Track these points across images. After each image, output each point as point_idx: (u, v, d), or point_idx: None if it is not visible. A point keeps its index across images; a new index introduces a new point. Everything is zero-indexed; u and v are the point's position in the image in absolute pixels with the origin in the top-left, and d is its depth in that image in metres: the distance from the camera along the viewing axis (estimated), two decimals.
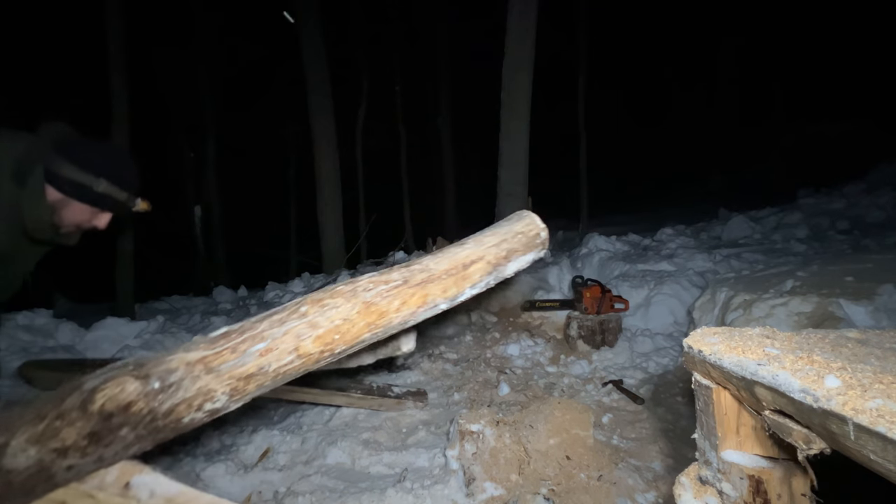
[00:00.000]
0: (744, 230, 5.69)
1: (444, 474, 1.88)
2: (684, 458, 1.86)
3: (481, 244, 1.17)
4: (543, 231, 1.25)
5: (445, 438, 2.14)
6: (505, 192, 5.14)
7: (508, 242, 1.19)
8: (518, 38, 4.95)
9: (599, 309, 3.13)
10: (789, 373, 0.72)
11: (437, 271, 1.09)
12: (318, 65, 6.95)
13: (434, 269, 1.09)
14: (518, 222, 1.25)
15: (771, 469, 0.87)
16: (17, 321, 3.38)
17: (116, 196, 1.41)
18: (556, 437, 1.84)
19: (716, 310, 2.80)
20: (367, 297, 1.02)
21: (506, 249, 1.18)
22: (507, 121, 5.11)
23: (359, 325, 1.00)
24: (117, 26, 5.30)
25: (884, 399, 0.59)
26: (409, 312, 1.06)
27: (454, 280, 1.10)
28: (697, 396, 0.97)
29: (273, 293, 5.53)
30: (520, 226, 1.23)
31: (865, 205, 6.05)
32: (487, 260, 1.14)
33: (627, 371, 2.87)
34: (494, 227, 1.24)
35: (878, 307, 2.29)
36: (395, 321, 1.05)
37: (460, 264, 1.11)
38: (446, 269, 1.10)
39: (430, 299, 1.07)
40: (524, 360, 3.15)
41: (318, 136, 7.03)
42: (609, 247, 4.96)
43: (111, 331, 3.48)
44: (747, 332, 0.95)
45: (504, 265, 1.18)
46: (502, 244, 1.18)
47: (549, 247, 1.32)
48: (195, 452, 2.34)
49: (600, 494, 1.71)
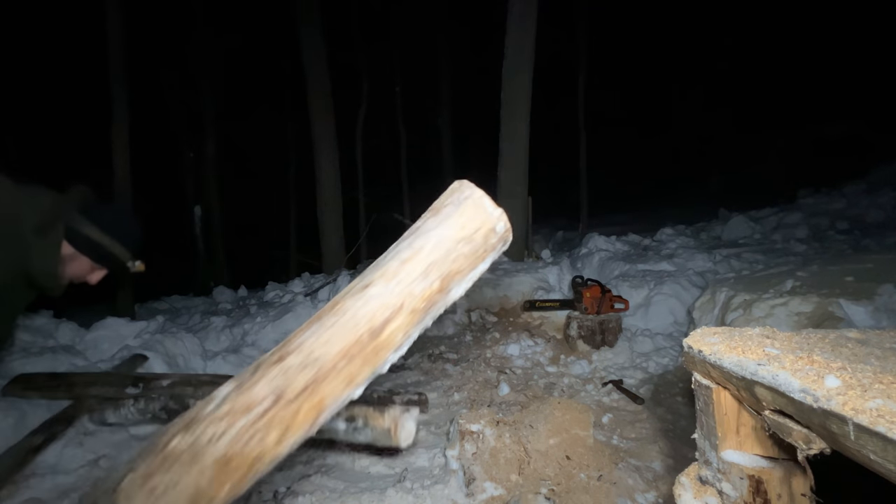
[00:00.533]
0: (744, 230, 5.70)
1: (444, 474, 1.88)
2: (684, 458, 1.86)
3: (395, 279, 0.76)
4: (500, 222, 0.81)
5: (445, 438, 2.14)
6: (505, 192, 5.14)
7: (441, 264, 0.77)
8: (518, 39, 4.95)
9: (599, 309, 3.13)
10: (789, 373, 0.72)
11: (329, 359, 0.74)
12: (319, 65, 6.96)
13: (323, 358, 0.74)
14: (453, 216, 0.80)
15: (771, 469, 0.87)
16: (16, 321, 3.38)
17: (122, 257, 1.56)
18: (556, 437, 1.84)
19: (716, 310, 2.80)
20: (218, 452, 0.69)
21: (439, 278, 0.77)
22: (506, 121, 5.12)
23: (220, 497, 0.71)
24: (117, 26, 5.30)
25: (884, 399, 0.59)
26: (300, 435, 0.75)
27: (361, 359, 0.75)
28: (697, 396, 0.97)
29: (273, 293, 5.53)
30: (456, 223, 0.79)
31: (865, 205, 6.06)
32: (410, 308, 0.76)
33: (627, 371, 2.87)
34: (415, 233, 0.82)
35: (878, 307, 2.29)
36: (281, 453, 0.75)
37: (365, 331, 0.74)
38: (343, 348, 0.74)
39: (329, 402, 0.75)
40: (524, 360, 3.15)
41: (318, 136, 7.03)
42: (609, 247, 4.96)
43: (111, 331, 3.48)
44: (747, 332, 0.95)
45: (441, 299, 0.79)
46: (430, 270, 0.77)
47: (513, 238, 0.88)
48: None
49: (600, 494, 1.71)
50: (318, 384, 0.74)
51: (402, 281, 0.76)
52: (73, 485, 2.04)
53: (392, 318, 0.75)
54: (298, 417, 0.73)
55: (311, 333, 0.76)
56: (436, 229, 0.79)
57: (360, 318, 0.75)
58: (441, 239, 0.78)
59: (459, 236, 0.78)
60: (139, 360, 2.98)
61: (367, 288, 0.77)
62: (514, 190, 5.14)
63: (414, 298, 0.76)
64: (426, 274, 0.76)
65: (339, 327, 0.75)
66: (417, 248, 0.78)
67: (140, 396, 2.32)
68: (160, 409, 2.27)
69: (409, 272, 0.76)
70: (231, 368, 3.43)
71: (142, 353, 3.06)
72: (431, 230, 0.79)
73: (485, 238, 0.80)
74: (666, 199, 11.18)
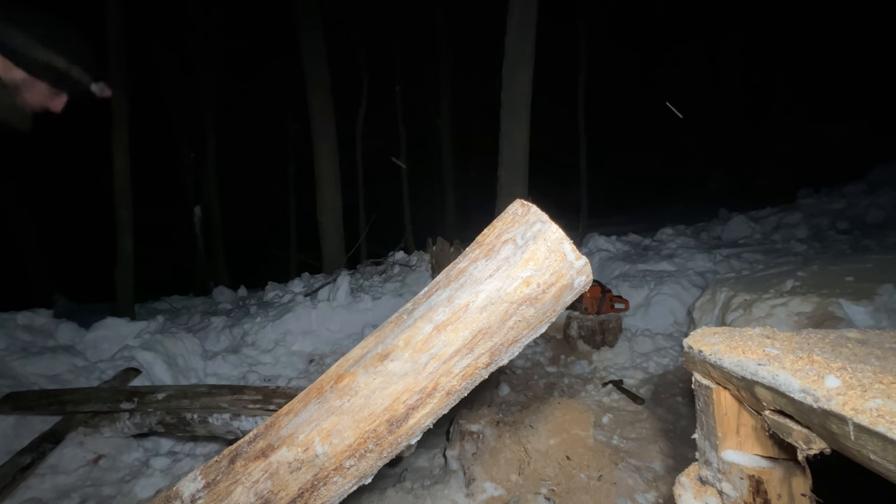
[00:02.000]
0: (744, 230, 5.70)
1: (443, 474, 1.88)
2: (684, 458, 1.86)
3: (427, 352, 0.54)
4: (581, 275, 0.58)
5: (445, 438, 2.14)
6: (505, 192, 5.14)
7: (494, 333, 0.54)
8: (518, 39, 4.95)
9: (599, 309, 3.13)
10: (789, 373, 0.72)
11: (332, 458, 0.55)
12: (319, 65, 6.96)
13: (325, 456, 0.55)
14: (516, 264, 0.56)
15: (771, 469, 0.87)
16: (17, 321, 3.37)
17: (58, 66, 1.33)
18: (556, 437, 1.84)
19: (716, 310, 2.80)
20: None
21: (488, 351, 0.57)
22: (506, 121, 5.11)
23: None
24: (117, 26, 5.30)
25: (884, 399, 0.59)
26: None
27: (376, 455, 0.57)
28: (697, 396, 0.97)
29: (273, 293, 5.53)
30: (519, 275, 0.55)
31: (865, 205, 6.05)
32: (446, 390, 0.57)
33: (627, 371, 2.87)
34: (456, 280, 0.57)
35: (878, 307, 2.29)
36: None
37: (383, 422, 0.54)
38: (352, 444, 0.56)
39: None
40: (524, 360, 3.15)
41: (318, 136, 7.04)
42: (609, 247, 4.96)
43: (111, 331, 3.48)
44: (747, 332, 0.95)
45: (485, 373, 0.61)
46: (478, 342, 0.54)
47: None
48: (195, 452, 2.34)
49: (600, 494, 1.71)
50: (316, 489, 0.55)
51: (438, 355, 0.54)
52: (73, 485, 2.04)
53: (420, 404, 0.55)
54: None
55: (309, 417, 0.55)
56: (488, 281, 0.55)
57: (376, 404, 0.54)
58: (496, 297, 0.54)
59: (523, 295, 0.54)
60: (131, 374, 2.92)
61: (386, 360, 0.55)
62: (514, 190, 5.14)
63: (452, 378, 0.55)
64: (471, 347, 0.54)
65: (348, 414, 0.55)
66: (460, 305, 0.54)
67: (135, 411, 2.29)
68: (157, 423, 2.25)
69: (446, 343, 0.54)
70: (230, 368, 3.43)
71: (134, 367, 2.99)
72: (482, 282, 0.55)
73: (557, 298, 0.56)
74: (666, 199, 11.19)
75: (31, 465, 2.06)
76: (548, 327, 0.68)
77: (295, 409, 0.59)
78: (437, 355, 0.54)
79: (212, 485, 0.57)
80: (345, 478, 0.56)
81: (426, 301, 0.57)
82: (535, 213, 0.57)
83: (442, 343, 0.54)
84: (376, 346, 0.57)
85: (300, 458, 0.55)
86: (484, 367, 0.58)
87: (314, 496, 0.55)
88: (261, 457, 0.56)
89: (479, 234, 0.61)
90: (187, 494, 0.57)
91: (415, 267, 5.06)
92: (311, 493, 0.54)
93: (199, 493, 0.57)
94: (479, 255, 0.57)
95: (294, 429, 0.57)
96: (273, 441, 0.56)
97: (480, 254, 0.57)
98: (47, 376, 2.76)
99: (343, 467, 0.55)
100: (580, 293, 0.61)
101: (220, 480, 0.57)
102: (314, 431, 0.55)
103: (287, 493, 0.54)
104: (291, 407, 0.60)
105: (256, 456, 0.56)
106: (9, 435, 2.26)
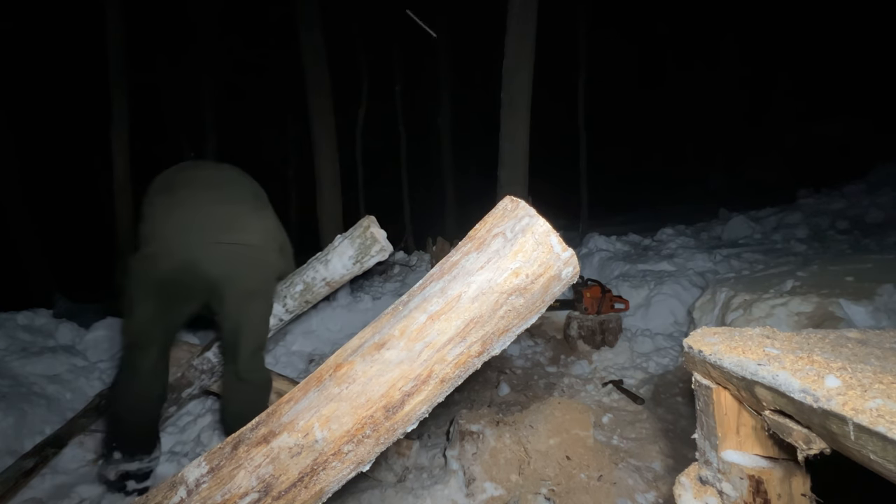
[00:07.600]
0: (744, 230, 5.70)
1: (444, 474, 1.88)
2: (684, 458, 1.86)
3: (421, 340, 0.56)
4: (568, 266, 0.61)
5: (445, 438, 2.14)
6: (505, 192, 5.13)
7: (485, 322, 0.57)
8: (518, 39, 4.95)
9: (599, 309, 3.13)
10: (789, 373, 0.71)
11: (331, 443, 0.57)
12: (319, 65, 6.95)
13: (324, 441, 0.56)
14: (505, 256, 0.59)
15: (771, 469, 0.87)
16: (17, 321, 3.37)
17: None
18: (556, 437, 1.84)
19: (716, 310, 2.80)
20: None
21: (480, 340, 0.58)
22: (507, 121, 5.11)
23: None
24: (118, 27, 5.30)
25: (884, 399, 0.59)
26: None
27: (373, 441, 0.59)
28: (697, 396, 0.97)
29: None
30: (509, 266, 0.59)
31: (865, 205, 6.05)
32: (440, 377, 0.58)
33: (627, 371, 2.87)
34: (449, 272, 0.60)
35: (878, 307, 2.29)
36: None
37: (380, 408, 0.56)
38: (350, 429, 0.58)
39: (330, 489, 0.61)
40: (524, 360, 3.15)
41: (317, 136, 7.03)
42: (609, 247, 4.96)
43: (111, 331, 3.47)
44: (747, 332, 0.95)
45: (478, 362, 0.61)
46: (470, 330, 0.56)
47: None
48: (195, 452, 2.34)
49: (600, 494, 1.71)
50: (316, 473, 0.57)
51: (432, 344, 0.56)
52: (73, 485, 2.04)
53: (415, 391, 0.57)
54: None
55: (309, 404, 0.57)
56: (479, 272, 0.58)
57: (373, 391, 0.57)
58: (487, 288, 0.57)
59: (512, 286, 0.57)
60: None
61: (382, 349, 0.57)
62: (514, 190, 5.13)
63: (445, 366, 0.57)
64: (464, 335, 0.56)
65: (346, 401, 0.57)
66: (453, 296, 0.57)
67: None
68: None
69: (440, 332, 0.56)
70: None
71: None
72: (473, 273, 0.58)
73: (545, 288, 0.59)
74: (666, 199, 11.19)
75: (33, 470, 2.05)
76: (538, 318, 0.69)
77: (295, 397, 0.61)
78: (431, 343, 0.56)
79: (215, 470, 0.58)
80: (343, 463, 0.59)
81: (421, 292, 0.60)
82: (524, 209, 0.61)
83: (436, 332, 0.57)
84: (373, 336, 0.59)
85: (300, 443, 0.57)
86: (476, 356, 0.60)
87: (314, 480, 0.57)
88: (262, 442, 0.58)
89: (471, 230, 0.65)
90: (192, 479, 0.59)
91: (415, 267, 5.06)
92: (310, 477, 0.57)
93: (204, 477, 0.59)
94: (470, 248, 0.61)
95: (294, 415, 0.59)
96: (274, 427, 0.58)
97: (472, 247, 0.60)
98: (47, 376, 2.76)
99: (341, 452, 0.58)
100: (568, 284, 0.63)
101: (224, 465, 0.59)
102: (314, 418, 0.58)
103: (288, 476, 0.56)
104: (292, 395, 0.61)
105: (258, 442, 0.58)
106: (9, 435, 2.25)
